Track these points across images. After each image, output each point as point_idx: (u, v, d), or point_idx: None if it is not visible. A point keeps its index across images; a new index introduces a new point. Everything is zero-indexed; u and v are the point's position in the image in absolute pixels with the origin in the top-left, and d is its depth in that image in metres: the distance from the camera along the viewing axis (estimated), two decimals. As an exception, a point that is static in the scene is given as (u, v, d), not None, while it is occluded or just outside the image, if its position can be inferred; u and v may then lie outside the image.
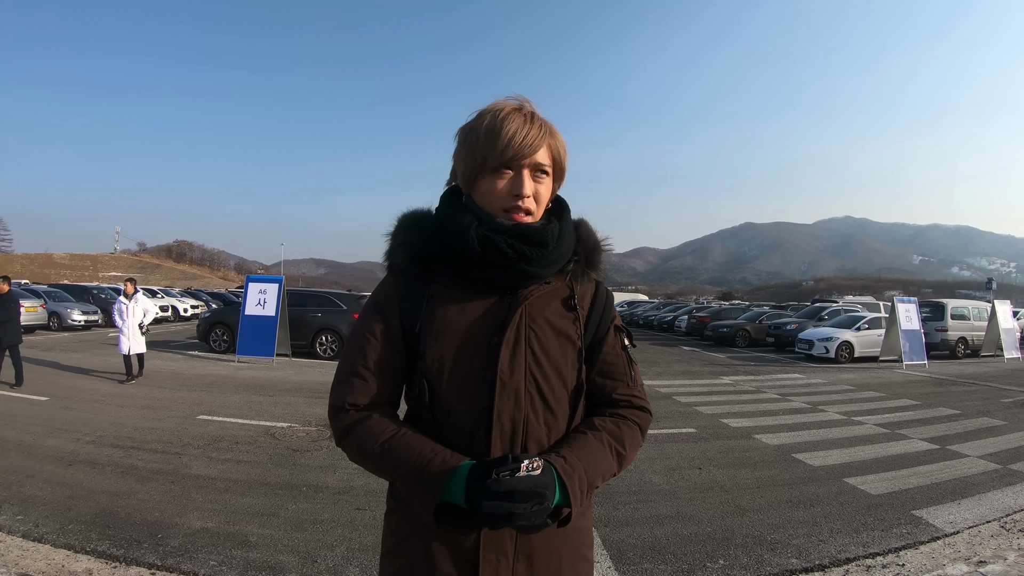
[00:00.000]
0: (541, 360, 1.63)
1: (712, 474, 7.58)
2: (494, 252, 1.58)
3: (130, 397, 11.29)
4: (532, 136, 1.59)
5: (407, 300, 1.66)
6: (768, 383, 16.74)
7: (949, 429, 10.80)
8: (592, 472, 1.56)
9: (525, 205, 1.62)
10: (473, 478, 1.45)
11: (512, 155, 1.57)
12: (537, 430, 1.61)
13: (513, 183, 1.61)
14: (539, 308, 1.67)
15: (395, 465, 1.53)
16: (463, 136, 1.66)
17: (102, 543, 4.94)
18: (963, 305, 28.82)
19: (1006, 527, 5.92)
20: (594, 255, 1.81)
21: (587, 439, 1.61)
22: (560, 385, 1.65)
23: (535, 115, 1.65)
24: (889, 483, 7.35)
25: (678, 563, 5.01)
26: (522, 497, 1.39)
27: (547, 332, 1.66)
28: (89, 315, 28.14)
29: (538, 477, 1.42)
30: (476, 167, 1.62)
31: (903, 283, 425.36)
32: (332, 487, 6.54)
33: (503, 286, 1.64)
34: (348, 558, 4.84)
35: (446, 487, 1.47)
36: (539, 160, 1.62)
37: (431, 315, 1.63)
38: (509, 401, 1.57)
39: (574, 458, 1.53)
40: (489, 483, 1.40)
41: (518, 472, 1.41)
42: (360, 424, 1.59)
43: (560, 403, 1.65)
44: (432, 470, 1.48)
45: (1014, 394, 15.48)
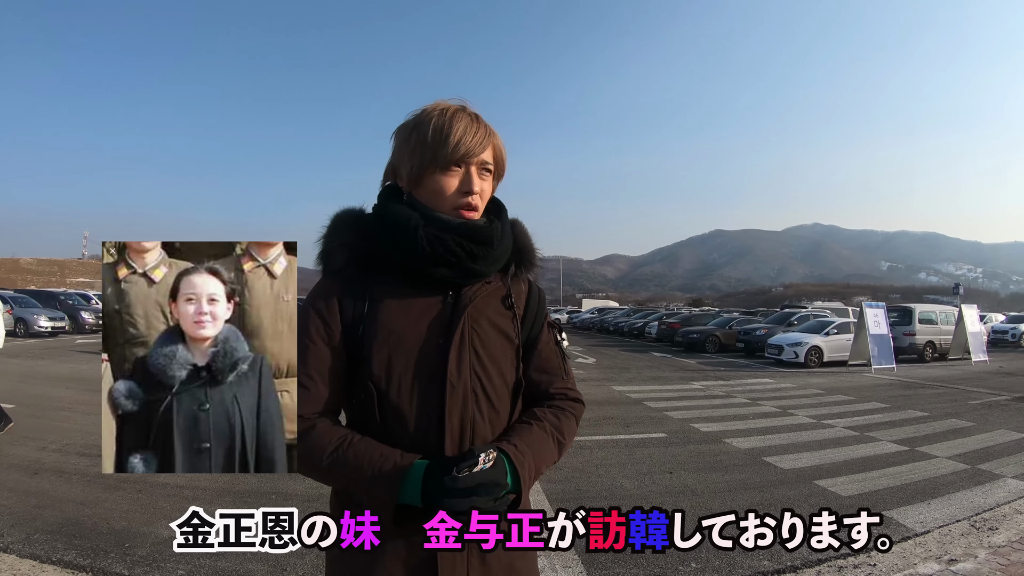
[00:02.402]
0: (484, 360, 1.67)
1: (683, 478, 7.62)
2: (442, 250, 1.61)
3: (97, 405, 10.90)
4: (480, 135, 1.64)
5: (347, 303, 1.65)
6: (738, 388, 16.90)
7: (918, 431, 10.95)
8: (539, 459, 1.62)
9: (474, 202, 1.66)
10: (430, 477, 1.48)
11: (463, 153, 1.61)
12: (483, 428, 1.64)
13: (463, 180, 1.65)
14: (480, 308, 1.69)
15: (346, 473, 1.55)
16: (407, 134, 1.68)
17: (68, 553, 4.88)
18: (931, 310, 29.26)
19: (976, 526, 5.99)
20: (529, 255, 1.86)
21: (532, 429, 1.67)
22: (501, 383, 1.70)
23: (478, 115, 1.69)
24: (859, 484, 7.45)
25: (650, 567, 5.05)
26: (484, 491, 1.44)
27: (488, 332, 1.70)
28: (56, 321, 27.88)
29: (493, 469, 1.47)
30: (424, 164, 1.64)
31: (872, 289, 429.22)
32: (301, 495, 6.49)
33: (448, 285, 1.67)
34: (317, 566, 4.81)
35: (401, 488, 1.48)
36: (485, 159, 1.67)
37: (374, 317, 1.64)
38: (458, 402, 1.60)
39: (524, 446, 1.59)
40: (447, 480, 1.44)
41: (475, 467, 1.44)
42: (306, 435, 1.59)
43: (502, 400, 1.70)
44: (386, 473, 1.50)
45: (981, 396, 15.70)
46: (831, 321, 26.75)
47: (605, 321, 54.13)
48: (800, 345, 24.06)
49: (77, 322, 30.29)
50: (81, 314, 31.02)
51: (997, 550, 5.36)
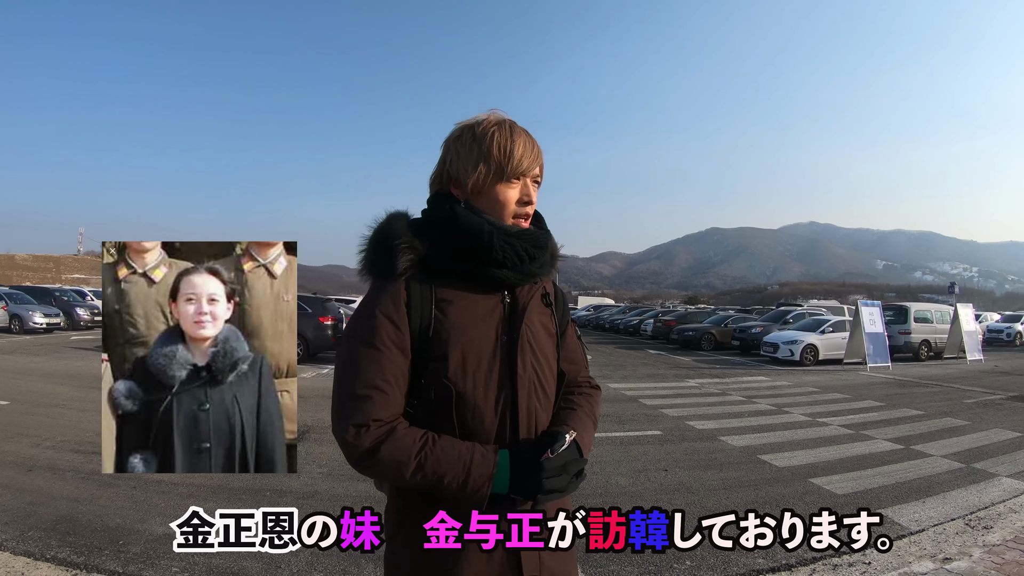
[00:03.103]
0: (537, 353, 1.78)
1: (678, 476, 7.62)
2: (512, 255, 1.71)
3: (92, 401, 11.05)
4: (536, 151, 1.78)
5: (415, 305, 1.68)
6: (733, 386, 16.90)
7: (913, 429, 10.95)
8: (588, 441, 1.78)
9: (530, 212, 1.80)
10: (518, 463, 1.61)
11: (525, 167, 1.74)
12: (542, 416, 1.76)
13: (523, 192, 1.77)
14: (532, 307, 1.81)
15: (437, 472, 1.56)
16: (467, 146, 1.74)
17: (62, 550, 4.86)
18: (926, 309, 29.27)
19: (971, 524, 6.00)
20: (557, 259, 1.95)
21: (576, 413, 1.82)
22: (550, 373, 1.83)
23: (526, 130, 1.80)
24: (854, 483, 7.44)
25: (645, 564, 5.03)
26: (573, 467, 1.63)
27: (538, 328, 1.81)
28: (51, 318, 27.75)
29: (573, 448, 1.65)
30: (488, 176, 1.72)
31: (867, 287, 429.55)
32: (296, 491, 6.49)
33: (507, 286, 1.77)
34: (312, 563, 4.81)
35: (497, 474, 1.59)
36: (537, 172, 1.80)
37: (443, 318, 1.69)
38: (525, 392, 1.72)
39: (580, 429, 1.75)
40: (544, 461, 1.59)
41: (563, 447, 1.62)
42: (388, 439, 1.58)
43: (551, 389, 1.83)
44: (478, 465, 1.58)
45: (976, 395, 15.71)
46: (827, 319, 26.70)
47: (601, 318, 54.11)
48: (795, 343, 24.04)
49: (72, 318, 30.16)
50: (76, 310, 30.90)
51: (992, 549, 5.36)
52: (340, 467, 7.36)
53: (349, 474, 7.09)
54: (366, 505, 1.73)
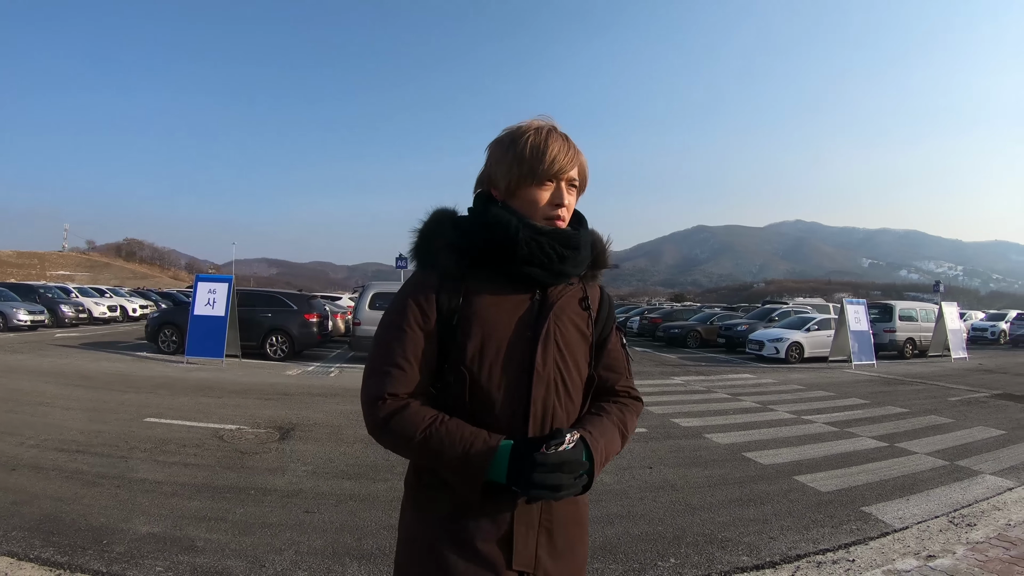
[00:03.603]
0: (564, 353, 1.80)
1: (663, 473, 7.63)
2: (538, 251, 1.75)
3: (76, 400, 11.04)
4: (571, 154, 1.80)
5: (444, 295, 1.77)
6: (719, 383, 16.95)
7: (897, 427, 11.01)
8: (608, 447, 1.79)
9: (562, 214, 1.82)
10: (517, 455, 1.63)
11: (557, 170, 1.77)
12: (560, 415, 1.78)
13: (554, 194, 1.80)
14: (563, 307, 1.83)
15: (439, 450, 1.65)
16: (504, 149, 1.82)
17: (46, 550, 4.82)
18: (911, 307, 29.45)
19: (954, 522, 6.02)
20: (604, 263, 2.01)
21: (602, 420, 1.83)
22: (577, 376, 1.84)
23: (567, 136, 1.84)
24: (839, 480, 7.46)
25: (629, 562, 5.02)
26: (569, 468, 1.61)
27: (569, 328, 1.83)
28: (35, 315, 27.48)
29: (575, 449, 1.64)
30: (521, 178, 1.78)
31: (853, 286, 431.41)
32: (281, 490, 6.46)
33: (539, 284, 1.81)
34: (296, 562, 4.78)
35: (492, 466, 1.63)
36: (572, 176, 1.82)
37: (469, 309, 1.76)
38: (542, 390, 1.75)
39: (597, 433, 1.75)
40: (538, 456, 1.60)
41: (562, 445, 1.61)
42: (400, 413, 1.69)
43: (577, 391, 1.84)
44: (477, 450, 1.63)
45: (961, 393, 15.80)
46: (812, 317, 26.78)
47: (587, 316, 54.21)
48: (781, 341, 24.09)
49: (57, 316, 29.87)
50: (61, 308, 30.59)
51: (975, 546, 5.38)
52: (325, 465, 7.36)
53: (334, 472, 7.09)
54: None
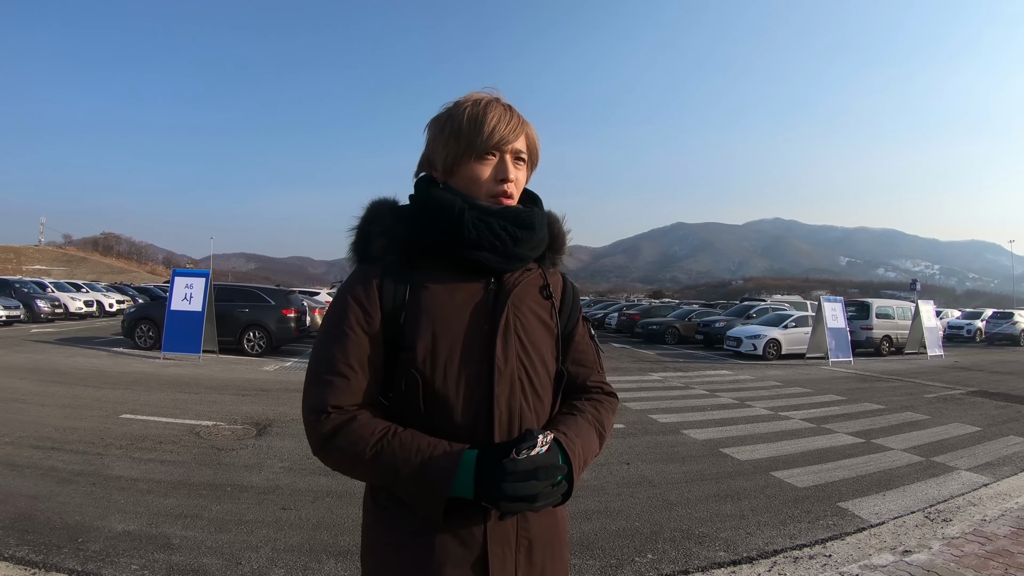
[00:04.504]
0: (528, 347, 1.63)
1: (640, 469, 7.64)
2: (488, 233, 1.58)
3: (51, 396, 10.92)
4: (514, 124, 1.63)
5: (387, 290, 1.60)
6: (697, 379, 17.02)
7: (874, 423, 11.09)
8: (586, 449, 1.60)
9: (509, 190, 1.64)
10: (484, 463, 1.43)
11: (497, 141, 1.60)
12: (529, 417, 1.59)
13: (497, 168, 1.63)
14: (522, 295, 1.67)
15: (392, 466, 1.46)
16: (441, 125, 1.66)
17: (21, 548, 4.75)
18: (888, 305, 29.69)
19: (930, 517, 6.06)
20: (562, 245, 1.84)
21: (576, 419, 1.65)
22: (544, 372, 1.66)
23: (511, 106, 1.68)
24: (815, 476, 7.50)
25: (607, 558, 5.02)
26: (544, 473, 1.41)
27: (530, 319, 1.66)
28: (11, 310, 27.19)
29: (550, 453, 1.45)
30: (459, 153, 1.62)
31: (830, 283, 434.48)
32: (257, 487, 6.42)
33: (491, 271, 1.63)
34: (273, 559, 4.75)
35: (454, 479, 1.43)
36: (518, 147, 1.65)
37: (416, 304, 1.59)
38: (506, 388, 1.56)
39: (572, 433, 1.58)
40: (507, 463, 1.40)
41: (534, 448, 1.41)
42: (345, 428, 1.50)
43: (545, 389, 1.66)
44: (437, 462, 1.44)
45: (936, 390, 15.95)
46: (789, 314, 26.94)
47: (566, 312, 54.27)
48: (758, 338, 24.23)
49: (32, 311, 29.58)
50: (37, 302, 30.30)
51: (951, 541, 5.41)
52: (302, 462, 7.31)
53: (311, 469, 7.04)
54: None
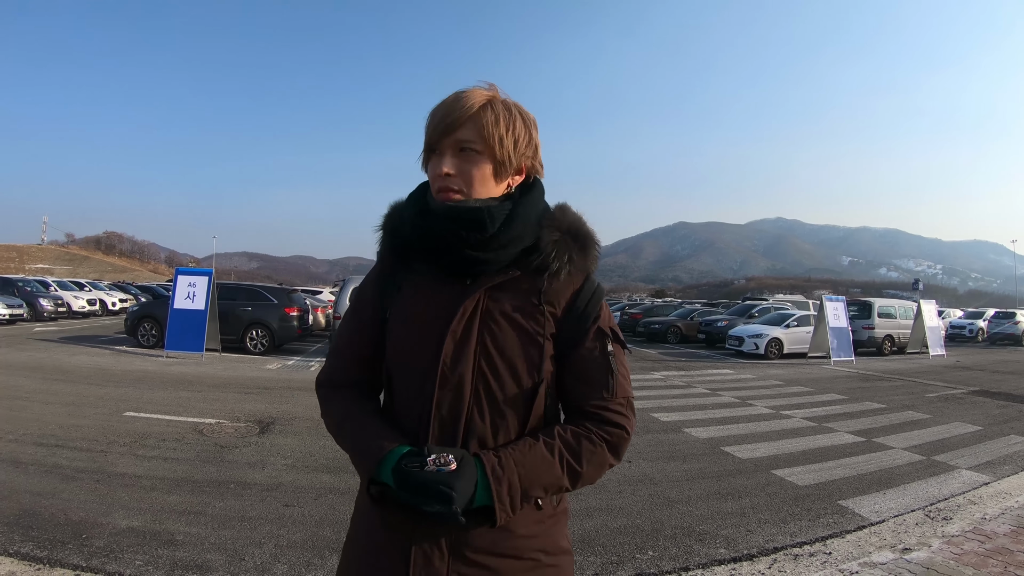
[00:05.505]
0: (494, 356, 1.52)
1: (642, 467, 7.65)
2: (431, 237, 1.54)
3: (55, 394, 10.95)
4: (453, 112, 1.53)
5: (383, 288, 1.66)
6: (698, 378, 17.02)
7: (875, 422, 11.10)
8: (529, 479, 1.45)
9: (445, 184, 1.53)
10: (397, 466, 1.40)
11: (430, 133, 1.55)
12: (481, 428, 1.50)
13: (434, 163, 1.56)
14: (499, 301, 1.55)
15: (345, 444, 1.59)
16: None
17: (25, 544, 4.78)
18: (890, 304, 29.66)
19: (930, 515, 6.07)
20: (582, 243, 1.66)
21: (535, 445, 1.49)
22: (513, 385, 1.52)
23: (473, 93, 1.56)
24: (816, 474, 7.51)
25: (608, 555, 5.04)
26: (424, 492, 1.34)
27: (505, 327, 1.54)
28: (14, 309, 27.21)
29: (446, 475, 1.35)
30: (425, 152, 1.59)
31: (832, 283, 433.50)
32: (260, 484, 6.44)
33: (455, 273, 1.56)
34: (276, 555, 4.77)
35: (379, 469, 1.44)
36: (459, 136, 1.52)
37: (399, 304, 1.61)
38: (449, 394, 1.49)
39: (510, 460, 1.44)
40: (394, 472, 1.40)
41: (425, 467, 1.35)
42: (329, 401, 1.69)
43: (511, 404, 1.52)
44: (368, 452, 1.48)
45: (938, 389, 15.94)
46: (791, 314, 26.87)
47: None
48: (760, 337, 24.20)
49: (35, 309, 29.56)
50: (40, 301, 30.26)
51: (951, 540, 5.43)
52: (304, 459, 7.34)
53: (314, 466, 7.07)
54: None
